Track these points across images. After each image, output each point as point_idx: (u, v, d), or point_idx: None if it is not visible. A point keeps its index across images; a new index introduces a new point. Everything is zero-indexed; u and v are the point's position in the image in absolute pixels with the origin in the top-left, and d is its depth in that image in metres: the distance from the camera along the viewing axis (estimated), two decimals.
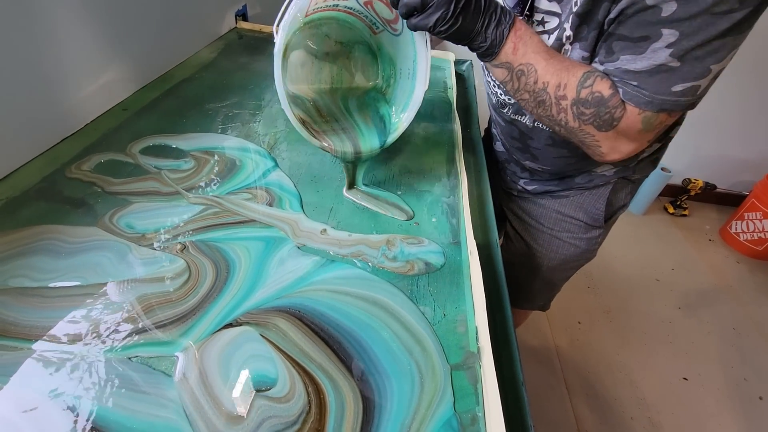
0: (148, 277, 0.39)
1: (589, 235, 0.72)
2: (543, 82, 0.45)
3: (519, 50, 0.44)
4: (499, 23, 0.43)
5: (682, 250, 1.77)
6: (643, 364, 1.30)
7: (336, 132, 0.52)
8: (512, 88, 0.48)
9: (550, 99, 0.45)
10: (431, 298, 0.42)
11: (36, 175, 0.49)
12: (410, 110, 0.52)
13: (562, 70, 0.44)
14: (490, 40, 0.44)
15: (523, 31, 0.44)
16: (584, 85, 0.43)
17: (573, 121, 0.45)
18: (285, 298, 0.39)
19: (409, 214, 0.51)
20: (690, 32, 0.37)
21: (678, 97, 0.41)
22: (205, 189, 0.50)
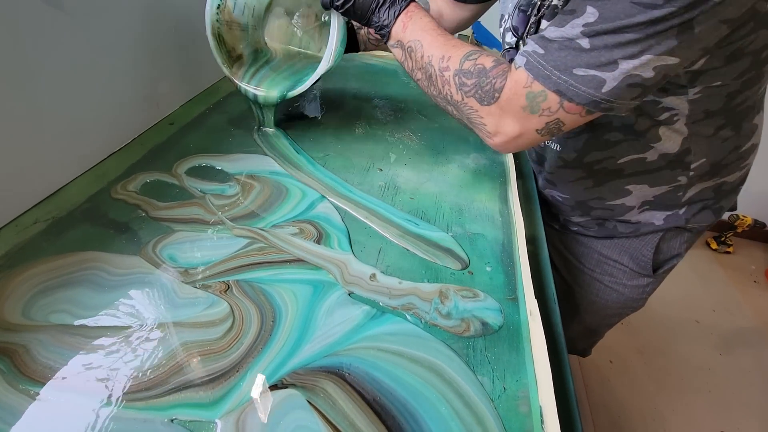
0: (190, 321, 0.37)
1: (635, 282, 0.66)
2: (428, 55, 0.46)
3: (408, 28, 0.47)
4: (393, 4, 0.47)
5: (724, 290, 1.67)
6: (679, 412, 1.22)
7: (253, 73, 0.61)
8: (408, 68, 0.50)
9: (435, 72, 0.46)
10: (489, 366, 0.38)
11: (82, 193, 0.48)
12: (309, 81, 0.56)
13: (448, 45, 0.45)
14: (382, 19, 0.47)
15: (415, 13, 0.47)
16: (468, 57, 0.44)
17: (456, 93, 0.45)
18: (334, 356, 0.36)
19: (464, 263, 0.48)
20: (607, 16, 0.34)
21: (576, 83, 0.37)
22: (249, 220, 0.48)
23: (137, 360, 0.33)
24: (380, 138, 0.68)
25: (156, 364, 0.33)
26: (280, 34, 0.66)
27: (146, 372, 0.33)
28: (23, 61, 0.41)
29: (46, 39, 0.42)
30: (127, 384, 0.32)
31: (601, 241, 0.66)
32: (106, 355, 0.33)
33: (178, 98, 0.66)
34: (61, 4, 0.42)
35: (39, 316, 0.35)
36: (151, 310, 0.37)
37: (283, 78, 0.61)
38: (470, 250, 0.50)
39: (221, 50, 0.58)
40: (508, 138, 0.44)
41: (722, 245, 1.83)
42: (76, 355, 0.33)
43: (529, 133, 0.43)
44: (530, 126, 0.42)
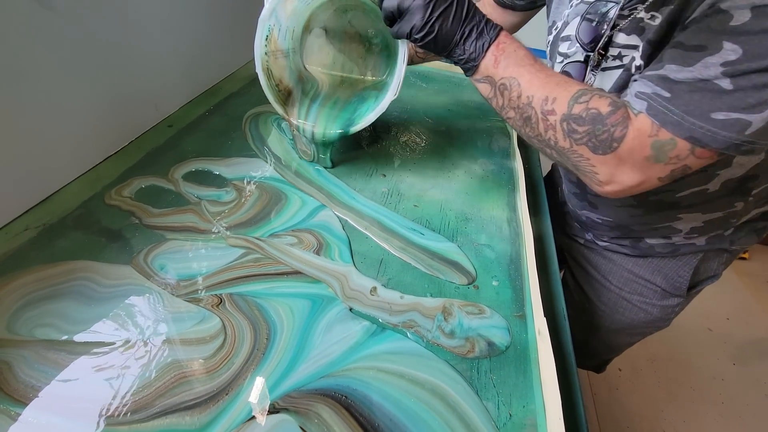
0: (180, 338, 0.35)
1: (665, 302, 0.61)
2: (528, 95, 0.40)
3: (500, 63, 0.41)
4: (481, 35, 0.41)
5: (739, 297, 1.62)
6: (690, 424, 1.19)
7: (306, 108, 0.55)
8: (497, 105, 0.44)
9: (536, 115, 0.40)
10: (494, 389, 0.36)
11: (76, 199, 0.46)
12: (374, 113, 0.51)
13: (550, 83, 0.40)
14: (469, 52, 0.41)
15: (507, 45, 0.41)
16: (578, 100, 0.38)
17: (563, 140, 0.39)
18: (330, 377, 0.34)
19: (471, 277, 0.45)
20: (756, 52, 0.30)
21: (715, 128, 0.32)
22: (246, 229, 0.46)
23: (122, 380, 0.32)
24: (384, 142, 0.66)
25: (142, 384, 0.31)
26: (321, 55, 0.61)
27: (132, 393, 0.31)
28: (14, 63, 0.39)
29: (36, 39, 0.41)
30: (112, 406, 0.30)
31: (633, 259, 0.61)
32: (90, 375, 0.32)
33: (177, 99, 0.64)
34: (52, 4, 0.41)
35: (24, 330, 0.34)
36: (139, 325, 0.35)
37: (337, 111, 0.55)
38: (476, 262, 0.47)
39: (271, 86, 0.52)
40: (624, 188, 0.39)
41: None
42: (60, 373, 0.32)
43: (650, 181, 0.38)
44: (653, 175, 0.38)
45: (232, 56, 0.77)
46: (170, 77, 0.61)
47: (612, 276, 0.64)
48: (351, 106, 0.56)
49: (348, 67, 0.62)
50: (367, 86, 0.60)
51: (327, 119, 0.53)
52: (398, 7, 0.39)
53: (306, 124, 0.53)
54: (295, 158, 0.58)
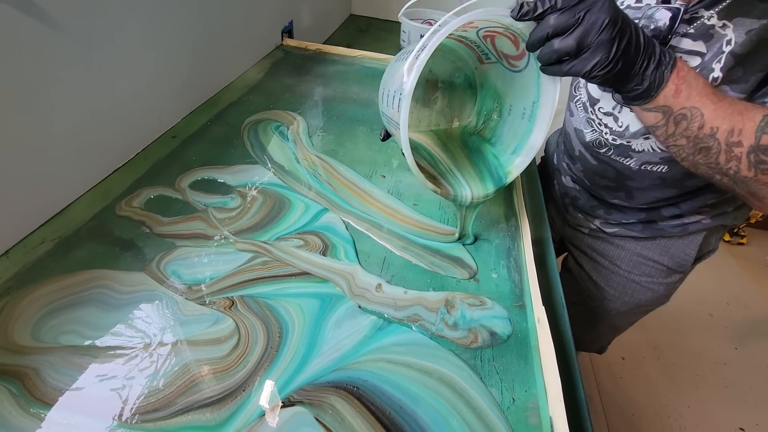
0: (196, 339, 0.37)
1: (669, 280, 0.66)
2: (711, 127, 0.39)
3: (682, 93, 0.39)
4: (660, 64, 0.38)
5: (738, 282, 1.64)
6: (694, 409, 1.20)
7: (446, 176, 0.49)
8: (664, 133, 0.42)
9: (719, 146, 0.39)
10: (497, 376, 0.38)
11: (88, 211, 0.48)
12: (525, 155, 0.47)
13: (734, 113, 0.38)
14: (648, 82, 0.38)
15: (686, 72, 0.39)
16: (766, 130, 0.38)
17: (747, 170, 0.39)
18: (342, 370, 0.36)
19: (472, 271, 0.47)
20: None
21: None
22: (253, 233, 0.48)
23: (145, 381, 0.33)
24: (382, 143, 0.68)
25: (163, 384, 0.33)
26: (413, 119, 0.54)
27: (154, 393, 0.33)
28: (26, 85, 0.41)
29: (45, 59, 0.42)
30: (136, 405, 0.32)
31: (641, 242, 0.64)
32: (114, 376, 0.33)
33: (179, 111, 0.66)
34: (49, 18, 0.43)
35: (48, 337, 0.36)
36: (157, 328, 0.37)
37: (471, 168, 0.50)
38: (476, 256, 0.49)
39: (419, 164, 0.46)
40: None
41: (735, 236, 1.80)
42: (86, 376, 0.33)
43: None
44: None
45: (230, 67, 0.79)
46: (172, 89, 0.63)
47: (620, 261, 0.67)
48: (475, 159, 0.52)
49: (435, 120, 0.56)
50: (462, 133, 0.55)
51: (471, 180, 0.49)
52: (578, 45, 0.35)
53: (463, 194, 0.47)
54: (294, 164, 0.60)
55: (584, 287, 0.74)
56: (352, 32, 1.31)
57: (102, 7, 0.47)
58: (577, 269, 0.76)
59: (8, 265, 0.41)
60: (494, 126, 0.53)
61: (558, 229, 0.77)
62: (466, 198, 0.47)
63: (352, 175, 0.59)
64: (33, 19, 0.40)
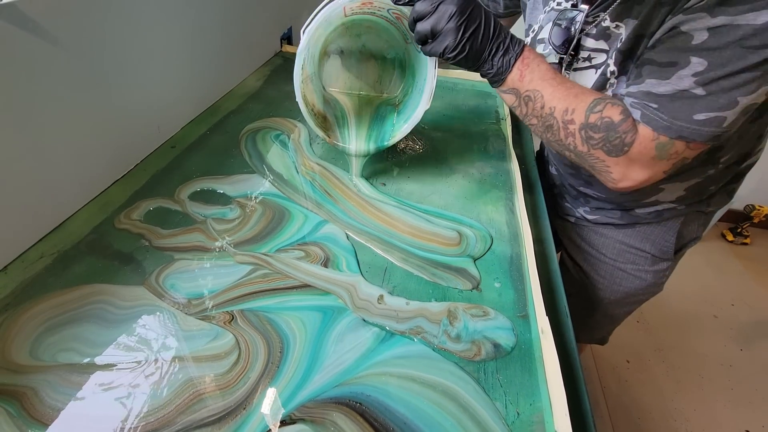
0: (195, 355, 0.36)
1: (656, 267, 0.67)
2: (550, 107, 0.45)
3: (525, 77, 0.45)
4: (507, 52, 0.44)
5: (742, 282, 1.63)
6: (700, 412, 1.19)
7: (342, 130, 0.59)
8: (521, 113, 0.49)
9: (558, 123, 0.45)
10: (501, 389, 0.37)
11: (87, 224, 0.48)
12: (409, 123, 0.55)
13: (569, 96, 0.44)
14: (497, 67, 0.45)
15: (531, 59, 0.45)
16: (593, 110, 0.43)
17: (582, 145, 0.45)
18: (344, 385, 0.35)
19: (475, 282, 0.47)
20: (718, 63, 0.36)
21: (699, 126, 0.39)
22: (252, 245, 0.47)
23: (143, 399, 0.33)
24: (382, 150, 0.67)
25: (163, 403, 0.33)
26: (339, 79, 0.65)
27: (153, 412, 0.32)
28: (23, 97, 0.41)
29: (42, 72, 0.42)
30: (135, 425, 0.31)
31: (623, 230, 0.66)
32: (113, 395, 0.33)
33: (178, 120, 0.66)
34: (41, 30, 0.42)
35: (47, 355, 0.35)
36: (156, 345, 0.37)
37: (365, 129, 0.60)
38: (479, 264, 0.49)
39: (309, 112, 0.55)
40: (635, 183, 0.46)
41: (738, 236, 1.78)
42: (84, 396, 0.33)
43: (657, 175, 0.45)
44: (659, 170, 0.44)
45: (229, 75, 0.78)
46: (171, 99, 0.63)
47: (605, 249, 0.69)
48: (375, 123, 0.61)
49: (365, 88, 0.66)
50: (382, 102, 0.64)
51: (359, 138, 0.58)
52: (431, 30, 0.42)
53: (346, 146, 0.57)
54: (293, 174, 0.59)
55: (576, 278, 0.76)
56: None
57: (98, 19, 0.47)
58: (569, 261, 0.78)
59: (6, 282, 0.41)
60: (406, 100, 0.61)
61: (551, 221, 0.78)
62: (348, 150, 0.57)
63: (352, 185, 0.59)
64: (28, 33, 0.40)
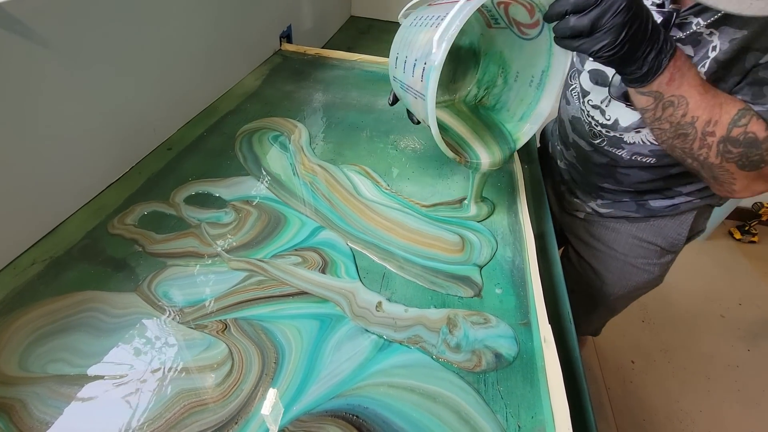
0: (187, 366, 0.35)
1: (663, 260, 0.68)
2: (692, 116, 0.43)
3: (675, 81, 0.42)
4: (660, 51, 0.40)
5: (750, 282, 1.60)
6: (707, 413, 1.18)
7: (462, 145, 0.51)
8: (651, 117, 0.45)
9: (696, 134, 0.43)
10: (502, 401, 0.36)
11: (80, 229, 0.47)
12: (533, 121, 0.49)
13: (715, 105, 0.42)
14: (647, 67, 0.41)
15: (682, 62, 0.41)
16: (737, 123, 0.42)
17: (715, 157, 0.44)
18: (341, 397, 0.34)
19: (477, 288, 0.45)
20: None
21: None
22: (247, 250, 0.46)
23: (134, 412, 0.32)
24: (382, 151, 0.66)
25: (153, 416, 0.32)
26: None
27: (144, 426, 0.31)
28: (14, 99, 0.40)
29: (35, 74, 0.41)
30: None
31: (636, 224, 0.66)
32: (103, 408, 0.32)
33: (175, 121, 0.65)
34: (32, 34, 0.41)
35: (36, 367, 0.34)
36: (147, 355, 0.36)
37: (486, 136, 0.52)
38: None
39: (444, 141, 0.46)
40: (754, 194, 0.46)
41: (746, 235, 1.75)
42: (73, 408, 0.32)
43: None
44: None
45: (227, 75, 0.77)
46: (167, 100, 0.62)
47: (617, 244, 0.69)
48: (486, 126, 0.53)
49: (442, 94, 0.57)
50: (473, 103, 0.56)
51: (484, 148, 0.50)
52: (591, 25, 0.37)
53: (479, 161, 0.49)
54: (291, 177, 0.58)
55: (584, 275, 0.75)
56: (353, 34, 1.29)
57: (90, 19, 0.46)
58: (576, 258, 0.77)
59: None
60: (498, 93, 0.54)
61: (557, 217, 0.78)
62: (482, 164, 0.49)
63: (352, 187, 0.57)
64: (16, 35, 0.39)
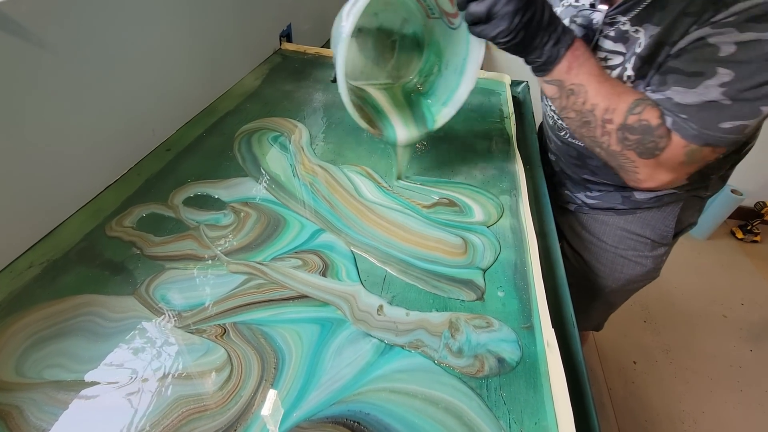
0: (185, 372, 0.35)
1: (655, 253, 0.68)
2: (592, 104, 0.45)
3: (573, 70, 0.45)
4: (558, 41, 0.44)
5: (752, 281, 1.60)
6: (709, 414, 1.17)
7: (382, 120, 0.54)
8: (560, 105, 0.49)
9: (596, 121, 0.46)
10: (505, 407, 0.35)
11: (78, 232, 0.47)
12: (451, 106, 0.53)
13: (613, 94, 0.45)
14: (546, 56, 0.44)
15: (581, 52, 0.44)
16: (633, 111, 0.44)
17: (616, 144, 0.46)
18: (342, 403, 0.34)
19: (479, 292, 0.45)
20: (745, 75, 0.38)
21: (724, 134, 0.42)
22: (246, 253, 0.46)
23: (130, 420, 0.32)
24: (383, 151, 0.66)
25: (151, 423, 0.31)
26: (354, 65, 0.58)
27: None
28: (11, 99, 0.39)
29: (32, 75, 0.41)
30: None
31: (623, 216, 0.67)
32: (99, 415, 0.32)
33: (174, 122, 0.64)
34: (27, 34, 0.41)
35: (33, 372, 0.34)
36: (144, 361, 0.35)
37: (407, 116, 0.55)
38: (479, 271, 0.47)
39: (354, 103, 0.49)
40: (660, 184, 0.47)
41: (748, 234, 1.75)
42: (69, 415, 0.32)
43: (681, 177, 0.47)
44: (683, 172, 0.46)
45: (226, 74, 0.77)
46: (166, 100, 0.61)
47: (606, 236, 0.70)
48: (412, 109, 0.57)
49: (382, 76, 0.60)
50: (406, 88, 0.59)
51: (402, 126, 0.54)
52: (487, 12, 0.40)
53: (393, 136, 0.53)
54: (291, 178, 0.58)
55: (578, 268, 0.75)
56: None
57: (88, 19, 0.46)
58: (569, 250, 0.77)
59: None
60: (433, 80, 0.57)
61: None
62: (394, 139, 0.53)
63: (353, 188, 0.57)
64: (12, 36, 0.38)
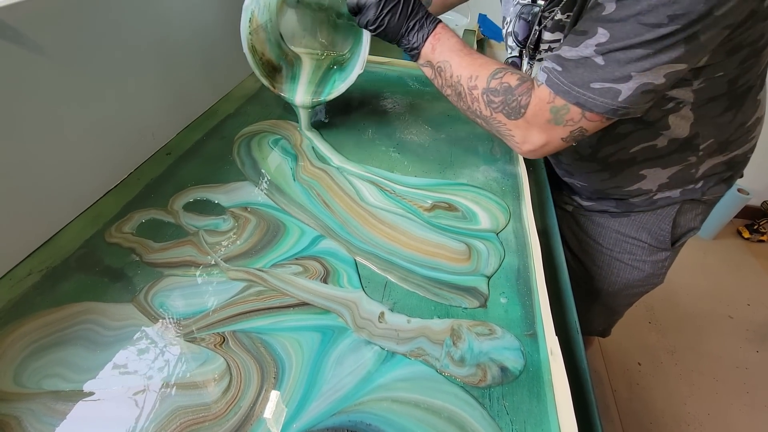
0: (183, 381, 0.34)
1: (654, 258, 0.66)
2: (457, 75, 0.49)
3: (436, 50, 0.50)
4: (422, 28, 0.50)
5: (759, 281, 1.58)
6: (714, 416, 1.16)
7: (294, 83, 0.63)
8: (438, 85, 0.52)
9: (464, 90, 0.49)
10: (507, 417, 0.35)
11: (77, 238, 0.46)
12: (345, 84, 0.60)
13: (475, 65, 0.48)
14: (412, 42, 0.50)
15: (442, 34, 0.50)
16: (495, 76, 0.47)
17: (485, 109, 0.48)
18: (343, 413, 0.33)
19: (482, 299, 0.44)
20: (618, 35, 0.38)
21: (595, 96, 0.40)
22: (246, 260, 0.45)
23: (129, 429, 0.31)
24: (384, 153, 0.65)
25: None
26: (295, 25, 0.67)
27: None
28: (9, 106, 0.39)
29: (29, 81, 0.41)
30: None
31: (618, 219, 0.66)
32: (97, 425, 0.32)
33: (174, 126, 0.64)
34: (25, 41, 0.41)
35: (31, 382, 0.34)
36: (143, 370, 0.35)
37: (314, 86, 0.64)
38: (483, 277, 0.46)
39: (256, 61, 0.59)
40: (536, 147, 0.47)
41: (755, 234, 1.73)
42: (68, 426, 0.31)
43: (555, 141, 0.46)
44: (555, 135, 0.45)
45: (227, 77, 0.76)
46: (166, 104, 0.61)
47: (602, 238, 0.69)
48: (322, 79, 0.65)
49: (318, 47, 0.69)
50: (333, 60, 0.68)
51: (304, 91, 0.63)
52: (357, 4, 0.49)
53: (284, 95, 0.62)
54: (291, 183, 0.57)
55: (575, 268, 0.75)
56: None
57: (86, 25, 0.45)
58: (567, 252, 0.76)
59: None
60: (350, 58, 0.64)
61: None
62: (292, 99, 0.62)
63: (354, 192, 0.56)
64: (9, 42, 0.38)
